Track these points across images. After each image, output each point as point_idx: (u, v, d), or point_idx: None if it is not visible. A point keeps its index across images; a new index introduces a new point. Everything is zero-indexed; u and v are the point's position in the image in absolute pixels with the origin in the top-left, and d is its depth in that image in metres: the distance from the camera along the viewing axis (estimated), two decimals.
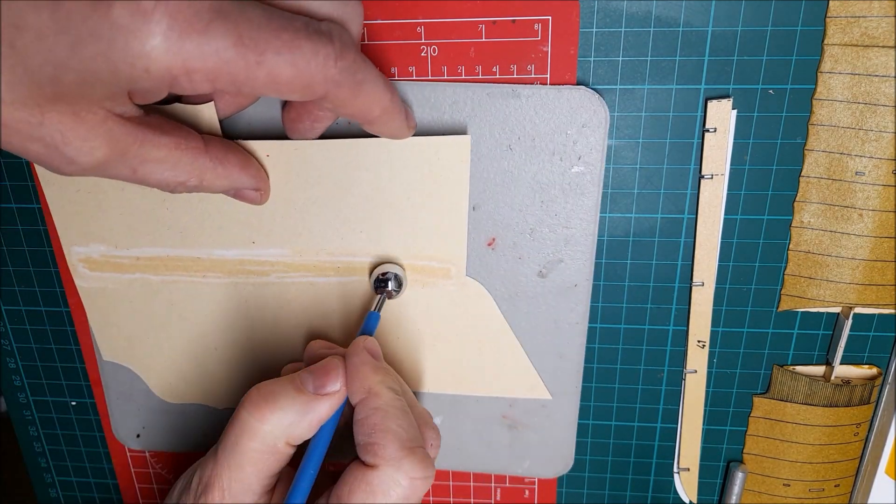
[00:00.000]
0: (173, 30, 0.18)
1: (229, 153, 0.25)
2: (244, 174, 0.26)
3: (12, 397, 0.37)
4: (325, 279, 0.29)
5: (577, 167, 0.27)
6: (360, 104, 0.23)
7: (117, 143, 0.21)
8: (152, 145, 0.22)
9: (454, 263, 0.29)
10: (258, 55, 0.20)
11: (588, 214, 0.28)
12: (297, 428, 0.25)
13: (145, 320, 0.31)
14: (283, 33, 0.20)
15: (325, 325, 0.31)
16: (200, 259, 0.30)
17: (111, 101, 0.20)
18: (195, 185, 0.24)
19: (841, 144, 0.27)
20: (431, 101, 0.27)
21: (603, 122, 0.26)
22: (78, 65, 0.18)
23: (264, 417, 0.24)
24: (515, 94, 0.26)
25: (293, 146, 0.27)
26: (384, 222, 0.28)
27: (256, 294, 0.30)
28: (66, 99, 0.19)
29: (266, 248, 0.29)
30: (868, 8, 0.25)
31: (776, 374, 0.31)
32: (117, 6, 0.18)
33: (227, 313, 0.31)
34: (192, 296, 0.31)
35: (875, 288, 0.29)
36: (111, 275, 0.31)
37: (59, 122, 0.19)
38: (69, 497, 0.39)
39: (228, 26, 0.19)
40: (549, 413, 0.32)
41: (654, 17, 0.26)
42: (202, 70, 0.19)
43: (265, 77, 0.20)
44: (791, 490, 0.33)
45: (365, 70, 0.22)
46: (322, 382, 0.25)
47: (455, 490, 0.35)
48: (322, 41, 0.21)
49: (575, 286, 0.29)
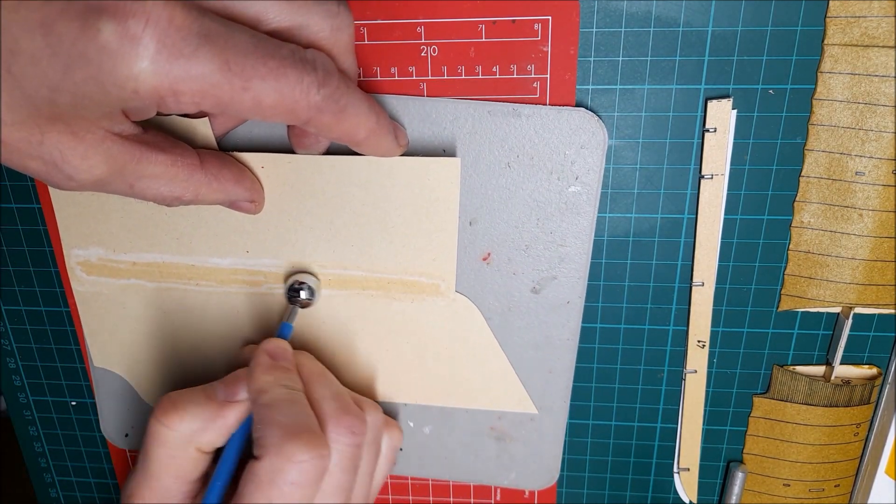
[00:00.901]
0: (161, 53, 0.19)
1: (224, 167, 0.25)
2: (239, 187, 0.26)
3: (12, 397, 0.37)
4: None
5: (574, 187, 0.27)
6: (344, 128, 0.23)
7: (115, 161, 0.21)
8: (149, 162, 0.22)
9: (444, 279, 0.29)
10: (244, 81, 0.20)
11: (583, 233, 0.28)
12: (207, 434, 0.25)
13: (138, 328, 0.32)
14: (269, 60, 0.20)
15: (315, 338, 0.31)
16: (195, 266, 0.30)
17: (108, 120, 0.20)
18: (191, 199, 0.24)
19: (841, 144, 0.27)
20: (433, 116, 0.27)
21: (601, 144, 0.27)
22: (71, 87, 0.18)
23: (172, 424, 0.25)
24: (516, 113, 0.27)
25: (287, 160, 0.27)
26: (375, 237, 0.28)
27: (249, 304, 0.30)
28: (64, 119, 0.19)
29: (259, 257, 0.29)
30: (868, 8, 0.25)
31: (776, 374, 0.31)
32: (106, 29, 0.18)
33: (218, 322, 0.31)
34: (185, 304, 0.31)
35: (875, 288, 0.29)
36: (107, 280, 0.31)
37: (58, 142, 0.20)
38: (69, 497, 0.39)
39: (216, 51, 0.19)
40: (537, 426, 0.32)
41: (654, 17, 0.26)
42: (189, 93, 0.19)
43: (250, 102, 0.21)
44: (791, 490, 0.33)
45: (348, 96, 0.23)
46: (232, 391, 0.26)
47: (455, 490, 0.35)
48: (306, 69, 0.21)
49: (567, 303, 0.29)
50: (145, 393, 0.33)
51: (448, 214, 0.28)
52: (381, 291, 0.29)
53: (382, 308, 0.30)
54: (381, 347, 0.31)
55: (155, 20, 0.18)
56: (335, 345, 0.31)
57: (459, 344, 0.30)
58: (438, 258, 0.29)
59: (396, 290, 0.29)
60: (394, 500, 0.36)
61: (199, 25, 0.19)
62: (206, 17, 0.19)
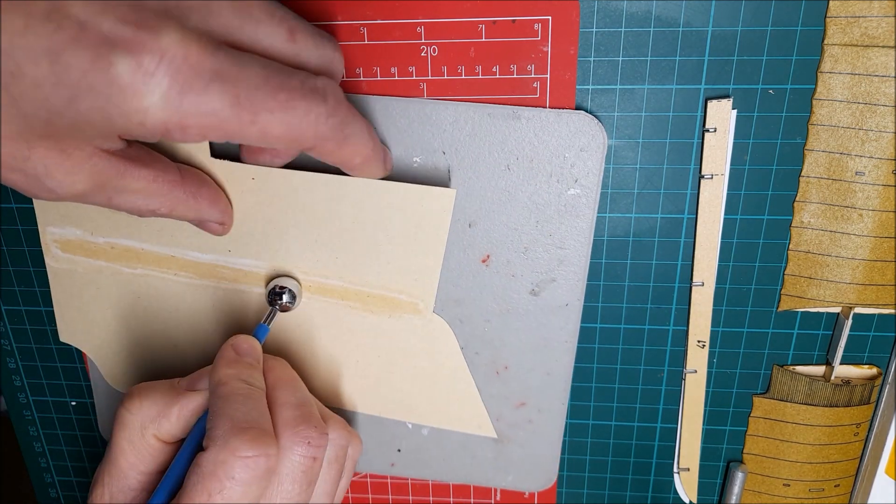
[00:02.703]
0: (173, 89, 0.18)
1: (202, 187, 0.26)
2: (213, 209, 0.26)
3: (12, 397, 0.37)
4: None
5: (574, 189, 0.27)
6: (344, 155, 0.24)
7: (99, 177, 0.21)
8: (131, 177, 0.22)
9: (423, 300, 0.29)
10: (252, 115, 0.20)
11: (582, 236, 0.28)
12: (165, 422, 0.25)
13: (109, 307, 0.32)
14: (279, 93, 0.20)
15: (288, 340, 0.31)
16: (175, 258, 0.30)
17: (101, 139, 0.20)
18: (166, 213, 0.24)
19: (841, 144, 0.27)
20: (433, 118, 0.27)
21: (601, 147, 0.27)
22: (73, 114, 0.18)
23: (132, 407, 0.25)
24: (516, 116, 0.27)
25: (281, 174, 0.27)
26: (360, 252, 0.28)
27: (225, 299, 0.30)
28: (55, 137, 0.19)
29: (241, 257, 0.29)
30: (868, 8, 0.25)
31: (776, 374, 0.31)
32: (120, 63, 0.18)
33: (193, 313, 0.31)
34: (161, 291, 0.31)
35: (875, 288, 0.29)
36: (83, 259, 0.31)
37: (45, 157, 0.20)
38: (69, 497, 0.39)
39: (227, 87, 0.19)
40: (535, 429, 0.32)
41: (654, 17, 0.26)
42: (196, 126, 0.20)
43: (257, 133, 0.21)
44: (791, 490, 0.33)
45: (353, 124, 0.23)
46: (194, 381, 0.26)
47: (455, 490, 0.35)
48: (316, 100, 0.21)
49: (566, 305, 0.29)
50: (110, 376, 0.33)
51: (436, 241, 0.28)
52: (360, 304, 0.30)
53: (358, 320, 0.30)
54: (351, 357, 0.31)
55: (170, 57, 0.18)
56: (306, 349, 0.31)
57: (430, 363, 0.31)
58: (420, 279, 0.29)
59: (375, 304, 0.29)
60: (394, 500, 0.36)
61: (213, 61, 0.19)
62: (221, 52, 0.19)
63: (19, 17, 0.17)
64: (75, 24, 0.17)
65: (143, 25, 0.18)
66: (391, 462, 0.34)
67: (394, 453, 0.33)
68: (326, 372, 0.31)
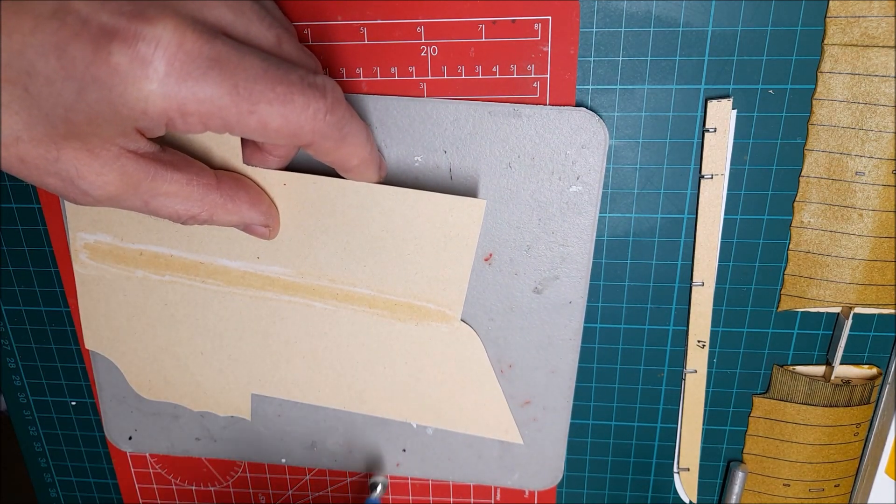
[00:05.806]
0: (170, 76, 0.19)
1: (240, 190, 0.26)
2: (254, 210, 0.26)
3: (12, 397, 0.37)
4: (321, 304, 0.30)
5: (576, 187, 0.27)
6: (342, 155, 0.24)
7: (129, 178, 0.22)
8: (164, 180, 0.23)
9: (451, 308, 0.29)
10: (251, 105, 0.21)
11: (585, 233, 0.28)
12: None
13: (136, 314, 0.31)
14: (278, 86, 0.21)
15: (315, 347, 0.31)
16: (203, 264, 0.30)
17: (123, 137, 0.21)
18: (206, 219, 0.25)
19: (841, 144, 0.27)
20: (434, 117, 0.27)
21: (602, 144, 0.27)
22: (85, 107, 0.19)
23: None
24: (517, 114, 0.27)
25: (312, 181, 0.27)
26: (389, 261, 0.28)
27: (253, 307, 0.30)
28: (80, 137, 0.20)
29: (270, 264, 0.29)
30: (868, 8, 0.25)
31: (776, 374, 0.31)
32: (117, 52, 0.19)
33: (219, 321, 0.31)
34: (189, 298, 0.31)
35: (875, 288, 0.29)
36: (111, 266, 0.31)
37: (74, 158, 0.20)
38: (69, 497, 0.39)
39: (225, 75, 0.20)
40: (541, 427, 0.32)
41: (654, 17, 0.26)
42: (196, 113, 0.20)
43: (255, 124, 0.21)
44: (791, 490, 0.33)
45: (351, 124, 0.23)
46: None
47: (455, 490, 0.35)
48: (315, 96, 0.22)
49: (570, 303, 0.29)
50: (136, 383, 0.33)
51: (466, 250, 0.28)
52: (388, 312, 0.30)
53: (386, 327, 0.30)
54: (378, 363, 0.31)
55: (165, 44, 0.19)
56: (335, 356, 0.31)
57: (457, 370, 0.31)
58: (449, 288, 0.29)
59: (402, 313, 0.29)
60: (394, 500, 0.36)
61: (210, 49, 0.20)
62: (218, 41, 0.20)
63: (28, 17, 0.18)
64: (77, 19, 0.18)
65: (138, 15, 0.19)
66: (396, 462, 0.34)
67: (399, 453, 0.33)
68: (353, 378, 0.31)
